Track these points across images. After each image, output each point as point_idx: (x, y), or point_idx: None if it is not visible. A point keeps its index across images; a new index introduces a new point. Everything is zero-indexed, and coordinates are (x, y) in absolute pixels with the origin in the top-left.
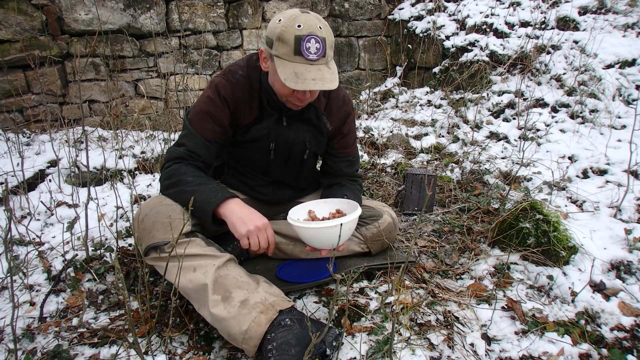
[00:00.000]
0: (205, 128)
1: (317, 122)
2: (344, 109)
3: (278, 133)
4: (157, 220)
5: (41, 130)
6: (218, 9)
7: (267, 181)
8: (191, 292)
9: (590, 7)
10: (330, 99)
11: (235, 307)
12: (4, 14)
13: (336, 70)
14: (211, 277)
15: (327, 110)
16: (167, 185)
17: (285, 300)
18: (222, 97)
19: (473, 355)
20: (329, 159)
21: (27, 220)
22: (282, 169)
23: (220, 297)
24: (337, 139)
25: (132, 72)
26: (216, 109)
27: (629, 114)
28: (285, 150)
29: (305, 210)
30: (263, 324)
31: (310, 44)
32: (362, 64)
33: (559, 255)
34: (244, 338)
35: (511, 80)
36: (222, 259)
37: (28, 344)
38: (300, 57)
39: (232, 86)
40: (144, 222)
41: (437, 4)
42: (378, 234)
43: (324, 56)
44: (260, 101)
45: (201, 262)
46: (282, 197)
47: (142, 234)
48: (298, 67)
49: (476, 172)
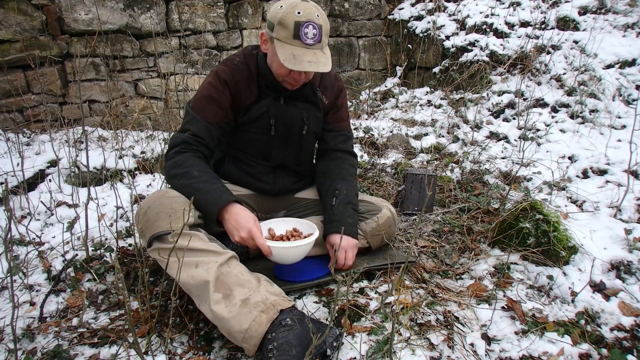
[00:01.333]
0: (208, 111)
1: (314, 98)
2: (337, 84)
3: (277, 109)
4: (161, 210)
5: (41, 130)
6: (218, 9)
7: (268, 167)
8: (192, 288)
9: (590, 7)
10: (323, 76)
11: (237, 305)
12: (4, 14)
13: (330, 55)
14: (213, 274)
15: (321, 86)
16: (173, 175)
17: (286, 300)
18: (223, 80)
19: (473, 355)
20: (325, 135)
21: (27, 220)
22: (283, 148)
23: (222, 295)
24: (332, 113)
25: (132, 72)
26: (217, 92)
27: (629, 114)
28: (285, 126)
29: (265, 228)
30: (264, 323)
31: (308, 29)
32: (362, 64)
33: (559, 255)
34: (245, 337)
35: (511, 80)
36: (224, 256)
37: (28, 344)
38: (298, 41)
39: (232, 70)
40: (148, 214)
41: (437, 4)
42: (377, 228)
43: (319, 42)
44: (258, 84)
45: (203, 258)
46: (283, 186)
47: (145, 225)
48: (296, 50)
49: (476, 172)
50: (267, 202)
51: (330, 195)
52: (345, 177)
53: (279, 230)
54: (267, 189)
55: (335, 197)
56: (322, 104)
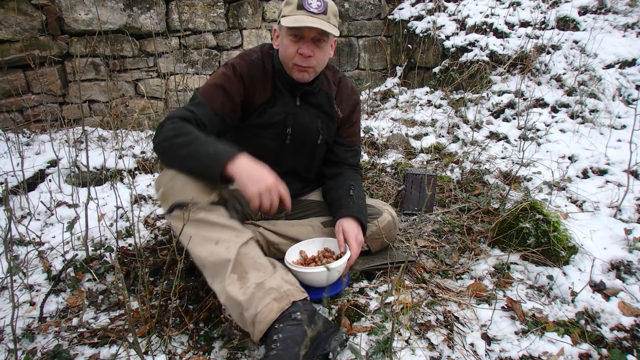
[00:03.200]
0: (216, 100)
1: (329, 109)
2: (353, 97)
3: (295, 117)
4: (188, 181)
5: (41, 130)
6: (218, 9)
7: (277, 172)
8: (209, 265)
9: (590, 7)
10: (340, 87)
11: (250, 288)
12: (4, 14)
13: (336, 30)
14: (234, 253)
15: (337, 98)
16: (173, 135)
17: (299, 291)
18: (239, 74)
19: (473, 355)
20: (335, 147)
21: (27, 220)
22: (295, 156)
23: (237, 277)
24: (346, 127)
25: (132, 72)
26: (230, 83)
27: (629, 114)
28: (301, 136)
29: (296, 251)
30: (274, 311)
31: (312, 1)
32: (362, 64)
33: (559, 255)
34: (254, 321)
35: (511, 80)
36: (245, 235)
37: (28, 344)
38: (302, 10)
39: (248, 64)
40: (174, 180)
41: (437, 4)
42: (377, 232)
43: (324, 13)
44: (273, 83)
45: (224, 235)
46: (290, 190)
47: (171, 190)
48: (299, 16)
49: (476, 172)
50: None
51: (347, 189)
52: (356, 184)
53: (310, 251)
54: None
55: (352, 189)
56: (337, 117)
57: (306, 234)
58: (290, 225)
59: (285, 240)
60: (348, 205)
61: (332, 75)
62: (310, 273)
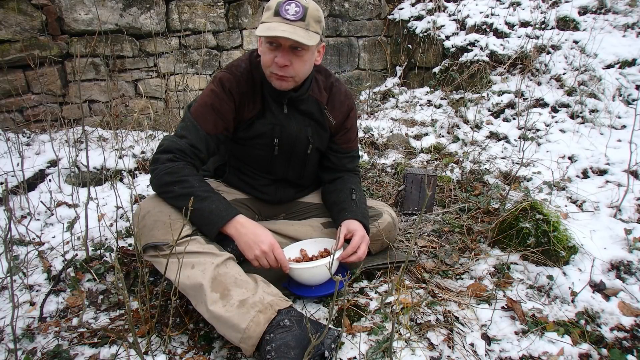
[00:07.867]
0: (208, 121)
1: (320, 117)
2: (346, 103)
3: (282, 128)
4: (158, 219)
5: (41, 130)
6: (218, 9)
7: (269, 180)
8: (188, 289)
9: (590, 7)
10: (332, 93)
11: (234, 305)
12: (4, 14)
13: (316, 38)
14: (209, 275)
15: (329, 105)
16: (168, 182)
17: (283, 300)
18: (228, 91)
19: (473, 355)
20: (331, 155)
21: (27, 220)
22: (286, 165)
23: (219, 295)
24: (341, 134)
25: (132, 72)
26: (221, 102)
27: (629, 114)
28: (289, 146)
29: (297, 248)
30: (262, 323)
31: (290, 7)
32: (362, 64)
33: (559, 255)
34: (242, 337)
35: (511, 80)
36: (221, 257)
37: (28, 344)
38: (278, 17)
39: (237, 80)
40: (145, 219)
41: (437, 4)
42: (377, 233)
43: (302, 20)
44: (262, 94)
45: (200, 259)
46: (283, 196)
47: (142, 230)
48: (273, 23)
49: (476, 172)
50: (268, 206)
51: (348, 192)
52: (357, 188)
53: (311, 251)
54: (267, 200)
55: (354, 193)
56: (328, 124)
57: (306, 234)
58: (289, 225)
59: (285, 240)
60: (352, 208)
61: (323, 80)
62: (297, 269)
